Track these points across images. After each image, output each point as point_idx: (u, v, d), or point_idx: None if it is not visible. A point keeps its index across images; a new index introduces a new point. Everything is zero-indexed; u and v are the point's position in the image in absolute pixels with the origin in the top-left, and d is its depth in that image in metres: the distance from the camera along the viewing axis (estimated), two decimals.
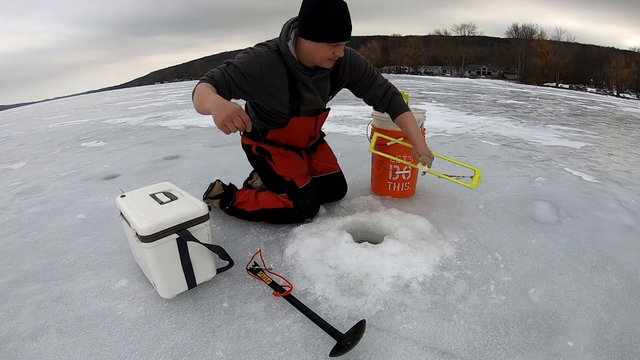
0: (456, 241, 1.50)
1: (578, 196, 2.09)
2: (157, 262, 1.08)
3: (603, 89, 47.81)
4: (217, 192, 1.76)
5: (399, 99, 1.58)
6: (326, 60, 1.28)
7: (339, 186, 1.85)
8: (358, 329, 0.94)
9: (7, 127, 7.56)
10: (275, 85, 1.34)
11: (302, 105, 1.45)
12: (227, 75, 1.23)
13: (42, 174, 2.88)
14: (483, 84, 19.61)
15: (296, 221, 1.63)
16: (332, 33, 1.18)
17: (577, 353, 0.97)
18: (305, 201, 1.58)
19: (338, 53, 1.25)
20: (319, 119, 1.61)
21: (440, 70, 68.09)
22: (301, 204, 1.58)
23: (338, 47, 1.24)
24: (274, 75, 1.31)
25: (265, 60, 1.28)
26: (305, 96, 1.43)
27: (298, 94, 1.40)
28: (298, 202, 1.58)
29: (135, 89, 27.10)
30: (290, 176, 1.59)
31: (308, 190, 1.61)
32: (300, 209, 1.59)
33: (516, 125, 4.83)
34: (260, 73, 1.27)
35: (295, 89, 1.38)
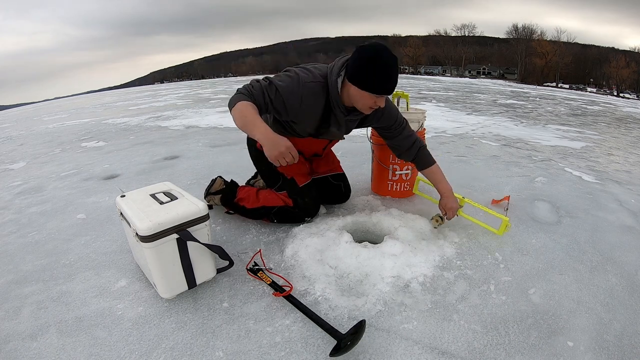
0: (456, 241, 1.50)
1: (578, 196, 2.09)
2: (157, 262, 1.08)
3: (603, 89, 47.79)
4: (218, 187, 1.79)
5: (425, 152, 1.59)
6: (367, 108, 1.31)
7: (341, 188, 1.83)
8: (358, 329, 0.94)
9: (7, 127, 7.56)
10: (309, 114, 1.36)
11: (323, 133, 1.49)
12: (267, 96, 1.27)
13: (42, 174, 2.88)
14: (483, 84, 19.62)
15: (296, 220, 1.63)
16: (378, 86, 1.22)
17: (577, 353, 0.97)
18: (305, 200, 1.58)
19: (379, 103, 1.29)
20: (330, 143, 1.71)
21: (440, 70, 68.08)
22: (300, 203, 1.58)
23: (380, 98, 1.27)
24: (310, 106, 1.33)
25: (307, 92, 1.30)
26: (332, 129, 1.46)
27: (327, 125, 1.43)
28: (297, 200, 1.58)
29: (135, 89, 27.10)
30: (291, 174, 1.58)
31: (308, 189, 1.61)
32: (299, 208, 1.58)
33: (516, 125, 4.83)
34: (300, 103, 1.30)
35: (327, 120, 1.41)
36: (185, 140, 3.86)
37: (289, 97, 1.28)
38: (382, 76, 1.20)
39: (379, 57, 1.19)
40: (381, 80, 1.21)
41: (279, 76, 1.32)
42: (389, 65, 1.20)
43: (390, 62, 1.20)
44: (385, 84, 1.22)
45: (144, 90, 20.07)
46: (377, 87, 1.22)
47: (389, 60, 1.20)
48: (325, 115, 1.39)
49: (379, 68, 1.19)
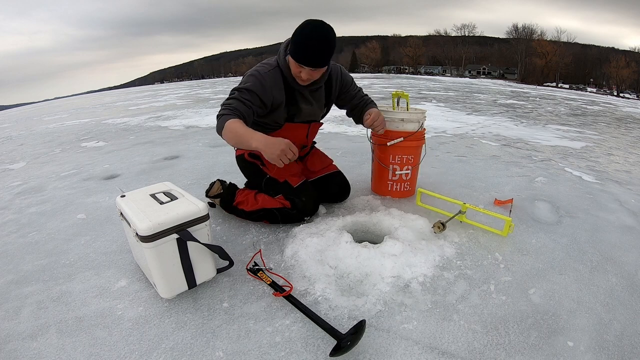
0: (456, 241, 1.50)
1: (578, 196, 2.09)
2: (157, 262, 1.08)
3: (603, 89, 47.81)
4: (216, 191, 1.80)
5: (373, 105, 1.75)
6: (298, 77, 1.41)
7: (340, 184, 1.83)
8: (358, 329, 0.94)
9: (7, 127, 7.56)
10: (277, 98, 1.45)
11: (297, 114, 1.55)
12: (247, 102, 1.36)
13: (42, 174, 2.88)
14: (483, 84, 19.62)
15: (295, 220, 1.63)
16: (298, 55, 1.31)
17: (577, 353, 0.97)
18: (302, 199, 1.58)
19: (303, 75, 1.36)
20: (311, 128, 1.67)
21: (440, 70, 68.10)
22: (298, 203, 1.58)
23: (303, 69, 1.34)
24: (275, 89, 1.43)
25: (269, 79, 1.41)
26: (302, 106, 1.54)
27: (296, 103, 1.51)
28: (295, 200, 1.58)
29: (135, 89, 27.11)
30: (284, 177, 1.60)
31: (304, 188, 1.61)
32: (297, 208, 1.58)
33: (516, 125, 4.83)
34: (269, 91, 1.41)
35: (293, 99, 1.50)
36: (185, 141, 3.86)
37: (260, 91, 1.39)
38: (302, 47, 1.29)
39: (304, 29, 1.28)
40: (300, 50, 1.29)
41: (244, 82, 1.41)
42: (311, 37, 1.27)
43: (314, 34, 1.27)
44: (302, 53, 1.29)
45: (144, 90, 20.07)
46: (298, 56, 1.31)
47: (313, 33, 1.27)
48: (289, 94, 1.47)
49: (301, 39, 1.28)
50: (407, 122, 1.80)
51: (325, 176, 1.80)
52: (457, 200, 1.67)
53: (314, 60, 1.31)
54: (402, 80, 18.82)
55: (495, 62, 69.34)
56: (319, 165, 1.81)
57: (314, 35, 1.27)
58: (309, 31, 1.27)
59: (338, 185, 1.83)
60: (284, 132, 1.58)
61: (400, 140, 1.80)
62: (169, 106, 8.25)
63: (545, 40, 55.05)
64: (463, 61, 67.67)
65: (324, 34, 1.28)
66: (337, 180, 1.82)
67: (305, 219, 1.64)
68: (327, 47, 1.30)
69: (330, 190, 1.81)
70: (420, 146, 1.91)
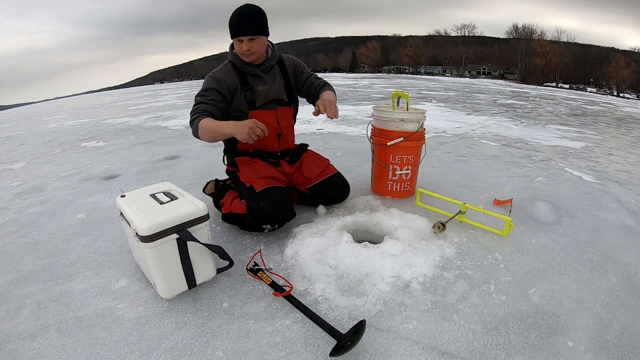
0: (456, 241, 1.50)
1: (578, 196, 2.09)
2: (157, 262, 1.08)
3: (603, 89, 47.79)
4: (209, 190, 1.81)
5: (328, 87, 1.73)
6: (242, 55, 1.51)
7: (339, 188, 1.78)
8: (358, 329, 0.94)
9: (7, 127, 7.56)
10: (232, 84, 1.54)
11: (256, 97, 1.58)
12: (209, 101, 1.48)
13: (42, 174, 2.88)
14: (483, 84, 19.62)
15: (255, 229, 1.56)
16: (232, 29, 1.46)
17: (577, 353, 0.97)
18: (259, 204, 1.44)
19: (244, 47, 1.47)
20: (279, 113, 1.64)
21: (440, 70, 68.10)
22: (255, 208, 1.46)
23: (242, 42, 1.46)
24: (228, 78, 1.54)
25: (220, 73, 1.54)
26: (258, 88, 1.57)
27: (250, 87, 1.56)
28: (251, 206, 1.47)
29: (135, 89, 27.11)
30: (250, 181, 1.52)
31: (267, 193, 1.47)
32: (253, 214, 1.47)
33: (516, 125, 4.83)
34: (223, 80, 1.52)
35: (246, 82, 1.56)
36: (185, 140, 3.86)
37: (216, 85, 1.51)
38: (233, 20, 1.45)
39: (235, 10, 1.45)
40: (233, 24, 1.45)
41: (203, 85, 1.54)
42: (238, 12, 1.44)
43: (240, 9, 1.43)
44: (234, 25, 1.45)
45: (144, 90, 20.07)
46: (232, 31, 1.46)
47: (239, 9, 1.44)
48: (243, 81, 1.55)
49: (232, 15, 1.45)
50: (407, 122, 1.80)
51: (322, 181, 1.73)
52: (457, 200, 1.67)
53: (245, 26, 1.44)
54: (402, 80, 18.82)
55: (495, 62, 69.32)
56: (315, 171, 1.73)
57: (240, 10, 1.44)
58: (238, 8, 1.44)
59: (337, 189, 1.78)
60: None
61: (400, 140, 1.80)
62: (169, 106, 8.25)
63: (545, 40, 55.03)
64: (463, 61, 67.65)
65: (249, 7, 1.44)
66: (337, 184, 1.77)
67: (267, 228, 1.50)
68: (254, 14, 1.44)
69: (329, 194, 1.77)
70: (420, 146, 1.91)
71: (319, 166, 1.76)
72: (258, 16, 1.45)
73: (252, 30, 1.44)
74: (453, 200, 1.69)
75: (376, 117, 1.91)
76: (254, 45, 1.47)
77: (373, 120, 1.98)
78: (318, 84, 1.71)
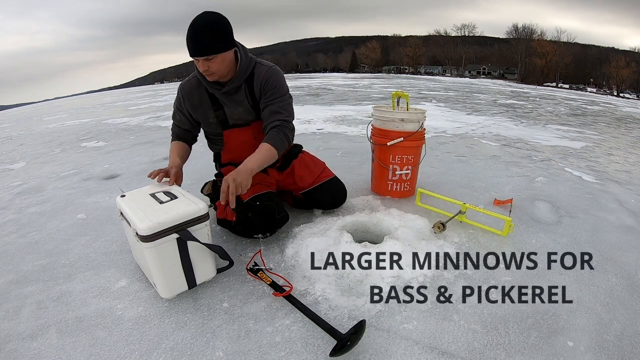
0: (456, 241, 1.50)
1: (578, 196, 2.09)
2: (157, 262, 1.08)
3: (603, 89, 47.77)
4: (207, 191, 1.74)
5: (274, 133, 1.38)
6: (202, 73, 1.34)
7: (333, 194, 1.69)
8: (358, 329, 0.94)
9: (7, 127, 7.56)
10: (199, 104, 1.47)
11: (227, 117, 1.48)
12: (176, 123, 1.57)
13: (42, 174, 2.88)
14: (483, 84, 19.62)
15: (245, 235, 1.52)
16: (188, 48, 1.26)
17: (577, 353, 0.97)
18: (248, 215, 1.40)
19: (201, 67, 1.30)
20: (254, 129, 1.50)
21: (440, 70, 68.09)
22: (241, 218, 1.42)
23: (198, 62, 1.29)
24: (195, 97, 1.46)
25: (183, 89, 1.47)
26: (228, 110, 1.47)
27: (220, 107, 1.47)
28: (240, 217, 1.42)
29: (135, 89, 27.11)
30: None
31: (256, 201, 1.42)
32: (241, 223, 1.43)
33: (516, 125, 4.83)
34: (183, 101, 1.48)
35: (217, 103, 1.46)
36: None
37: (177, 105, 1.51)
38: (187, 38, 1.25)
39: (190, 25, 1.24)
40: (187, 42, 1.26)
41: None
42: (191, 27, 1.23)
43: (196, 24, 1.23)
44: (189, 44, 1.26)
45: (144, 90, 20.07)
46: (188, 49, 1.27)
47: (193, 22, 1.23)
48: (212, 100, 1.46)
49: (187, 31, 1.24)
50: (407, 122, 1.80)
51: (316, 187, 1.64)
52: (457, 201, 1.67)
53: (198, 46, 1.24)
54: (402, 80, 18.82)
55: (495, 62, 69.30)
56: (309, 179, 1.63)
57: (193, 24, 1.23)
58: (192, 23, 1.24)
59: (331, 196, 1.68)
60: (229, 143, 1.54)
61: (400, 140, 1.80)
62: (169, 106, 8.25)
63: (545, 40, 55.02)
64: (463, 61, 67.65)
65: (207, 21, 1.23)
66: (331, 190, 1.67)
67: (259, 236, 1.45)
68: (207, 29, 1.23)
69: (323, 201, 1.69)
70: (420, 146, 1.91)
71: (313, 173, 1.65)
72: (213, 31, 1.23)
73: (207, 50, 1.24)
74: (453, 200, 1.69)
75: (376, 117, 1.91)
76: (212, 65, 1.28)
77: (373, 120, 1.98)
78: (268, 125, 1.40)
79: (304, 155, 1.70)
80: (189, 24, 1.24)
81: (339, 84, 14.14)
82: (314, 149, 3.17)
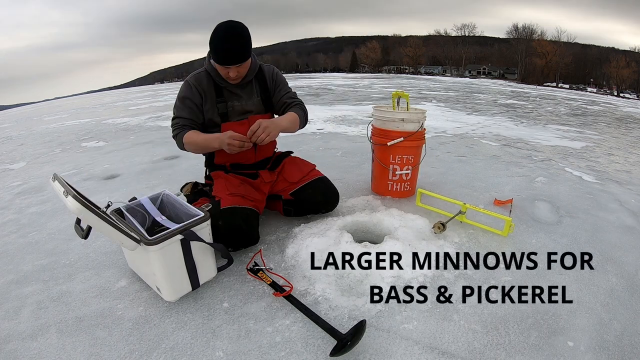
0: (456, 241, 1.50)
1: (578, 196, 2.09)
2: (163, 265, 1.08)
3: (603, 89, 47.77)
4: (186, 191, 1.71)
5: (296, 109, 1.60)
6: (228, 77, 1.44)
7: (323, 192, 1.64)
8: (358, 329, 0.94)
9: (7, 127, 7.56)
10: (208, 94, 1.49)
11: (229, 111, 1.52)
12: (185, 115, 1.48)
13: (42, 174, 2.88)
14: (483, 84, 19.62)
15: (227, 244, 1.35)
16: (218, 57, 1.36)
17: (577, 353, 0.97)
18: (218, 222, 1.30)
19: (231, 74, 1.40)
20: (250, 122, 1.50)
21: (440, 70, 68.08)
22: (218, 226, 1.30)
23: (229, 69, 1.38)
24: (204, 87, 1.49)
25: (193, 80, 1.49)
26: (233, 104, 1.52)
27: (223, 100, 1.51)
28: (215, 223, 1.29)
29: (135, 89, 27.12)
30: (219, 196, 1.43)
31: (228, 213, 1.35)
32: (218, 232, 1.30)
33: (516, 125, 4.83)
34: (194, 90, 1.48)
35: (221, 96, 1.51)
36: None
37: (190, 94, 1.47)
38: (220, 49, 1.34)
39: (217, 33, 1.33)
40: (220, 53, 1.35)
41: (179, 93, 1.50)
42: (225, 39, 1.33)
43: (227, 37, 1.33)
44: (223, 54, 1.35)
45: (144, 90, 20.07)
46: (220, 59, 1.36)
47: (226, 36, 1.33)
48: (218, 92, 1.50)
49: (218, 42, 1.34)
50: (407, 122, 1.80)
51: (306, 185, 1.61)
52: (457, 201, 1.67)
53: (235, 58, 1.35)
54: (402, 80, 18.82)
55: (496, 62, 69.28)
56: (298, 175, 1.63)
57: (227, 36, 1.33)
58: (222, 34, 1.32)
59: (322, 193, 1.63)
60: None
61: (401, 140, 1.80)
62: (169, 106, 8.25)
63: (545, 40, 54.98)
64: (463, 61, 67.61)
65: (236, 32, 1.33)
66: (321, 187, 1.63)
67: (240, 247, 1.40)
68: (241, 42, 1.35)
69: (314, 198, 1.62)
70: (420, 146, 1.91)
71: (302, 170, 1.66)
72: (245, 41, 1.36)
73: (241, 58, 1.37)
74: (453, 201, 1.69)
75: (376, 117, 1.91)
76: (242, 70, 1.42)
77: (373, 120, 1.98)
78: (290, 103, 1.61)
79: (294, 157, 1.76)
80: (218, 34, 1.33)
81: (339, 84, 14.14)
82: (314, 149, 3.17)
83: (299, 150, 1.88)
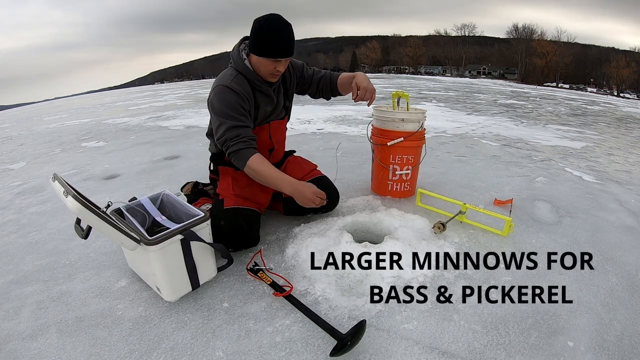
0: (456, 241, 1.50)
1: (578, 196, 2.09)
2: (163, 265, 1.08)
3: (603, 89, 47.76)
4: (186, 191, 1.71)
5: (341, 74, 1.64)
6: (269, 75, 1.37)
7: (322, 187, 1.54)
8: (358, 329, 0.94)
9: (7, 127, 7.56)
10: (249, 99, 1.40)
11: (258, 116, 1.47)
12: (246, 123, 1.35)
13: (42, 174, 2.88)
14: (483, 84, 19.61)
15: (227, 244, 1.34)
16: (272, 49, 1.29)
17: (577, 353, 0.97)
18: (220, 222, 1.31)
19: (279, 68, 1.35)
20: (272, 128, 1.54)
21: (440, 70, 68.07)
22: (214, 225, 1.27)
23: (279, 62, 1.33)
24: (248, 92, 1.39)
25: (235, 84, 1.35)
26: (265, 108, 1.47)
27: (257, 106, 1.45)
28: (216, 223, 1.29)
29: (135, 89, 27.12)
30: (224, 195, 1.43)
31: (231, 213, 1.35)
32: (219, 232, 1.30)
33: (516, 125, 4.83)
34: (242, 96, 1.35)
35: (256, 102, 1.44)
36: (186, 141, 3.86)
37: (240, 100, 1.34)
38: (274, 39, 1.28)
39: (268, 24, 1.28)
40: (273, 44, 1.29)
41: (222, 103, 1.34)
42: (279, 30, 1.28)
43: (280, 27, 1.28)
44: (277, 45, 1.29)
45: (144, 90, 20.07)
46: (273, 51, 1.30)
47: (279, 26, 1.28)
48: (254, 97, 1.42)
49: (270, 33, 1.28)
50: (407, 122, 1.80)
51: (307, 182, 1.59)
52: (457, 201, 1.67)
53: (289, 49, 1.32)
54: (402, 80, 18.82)
55: (496, 62, 69.28)
56: (300, 173, 1.63)
57: (279, 27, 1.28)
58: (274, 25, 1.28)
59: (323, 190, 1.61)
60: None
61: (401, 140, 1.80)
62: (169, 106, 8.25)
63: (545, 40, 54.97)
64: (463, 61, 67.60)
65: (286, 22, 1.30)
66: (321, 186, 1.56)
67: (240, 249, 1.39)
68: (292, 34, 1.33)
69: None
70: (420, 146, 1.91)
71: (304, 169, 1.68)
72: (291, 32, 1.32)
73: (291, 52, 1.33)
74: (453, 201, 1.69)
75: (376, 117, 1.91)
76: (287, 64, 1.39)
77: (373, 120, 1.98)
78: (329, 76, 1.64)
79: (297, 157, 1.77)
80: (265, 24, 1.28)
81: None
82: (314, 149, 3.18)
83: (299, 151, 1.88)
